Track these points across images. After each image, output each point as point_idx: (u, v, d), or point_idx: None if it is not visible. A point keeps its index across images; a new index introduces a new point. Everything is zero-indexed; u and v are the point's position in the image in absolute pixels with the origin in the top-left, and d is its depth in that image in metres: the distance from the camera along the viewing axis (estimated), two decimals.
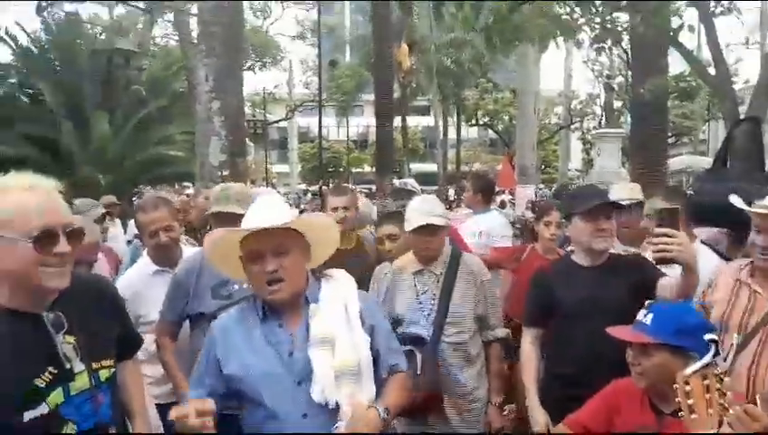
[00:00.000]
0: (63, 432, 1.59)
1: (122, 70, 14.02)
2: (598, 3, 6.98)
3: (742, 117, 6.12)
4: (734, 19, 6.77)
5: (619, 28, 6.91)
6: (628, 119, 25.39)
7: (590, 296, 2.46)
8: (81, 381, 1.64)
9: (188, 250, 3.20)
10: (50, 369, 1.58)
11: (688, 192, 4.45)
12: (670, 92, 8.63)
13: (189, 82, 14.91)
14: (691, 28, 6.77)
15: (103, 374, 1.71)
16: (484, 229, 4.67)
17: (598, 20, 6.88)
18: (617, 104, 23.22)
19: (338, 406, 1.73)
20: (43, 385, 1.56)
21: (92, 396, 1.66)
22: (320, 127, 17.96)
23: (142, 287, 2.93)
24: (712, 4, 6.27)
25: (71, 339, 1.63)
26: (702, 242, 3.12)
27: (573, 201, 2.67)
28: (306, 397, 1.73)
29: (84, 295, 1.72)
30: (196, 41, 11.34)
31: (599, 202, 2.53)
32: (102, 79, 13.72)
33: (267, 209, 1.82)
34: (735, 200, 2.36)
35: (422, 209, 2.80)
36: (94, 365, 1.68)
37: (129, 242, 5.53)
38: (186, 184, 15.79)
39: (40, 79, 13.46)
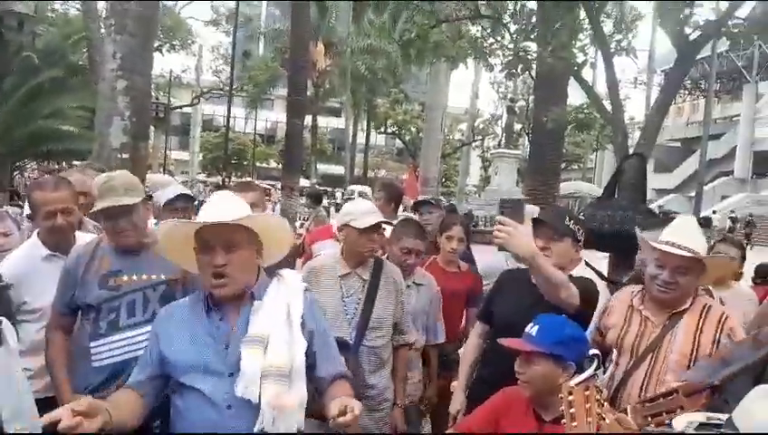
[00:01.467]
0: None
1: (14, 34, 12.90)
2: (512, 30, 7.39)
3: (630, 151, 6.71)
4: (625, 60, 7.40)
5: (530, 57, 7.35)
6: (526, 142, 26.83)
7: (520, 313, 2.48)
8: None
9: (83, 236, 3.01)
10: None
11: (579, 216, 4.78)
12: (569, 123, 9.24)
13: (90, 55, 14.02)
14: (592, 65, 7.30)
15: None
16: None
17: (511, 47, 7.25)
18: (517, 127, 24.53)
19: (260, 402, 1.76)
20: None
21: None
22: (228, 116, 17.49)
23: (30, 271, 2.66)
24: (613, 45, 6.81)
25: None
26: (587, 264, 3.36)
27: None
28: (233, 389, 1.76)
29: None
30: (103, 14, 10.70)
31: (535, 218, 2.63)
32: None
33: (224, 204, 1.87)
34: (644, 236, 2.57)
35: (370, 209, 2.86)
36: None
37: None
38: (76, 163, 14.79)
39: None
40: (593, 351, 2.36)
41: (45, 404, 2.46)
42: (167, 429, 1.94)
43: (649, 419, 1.75)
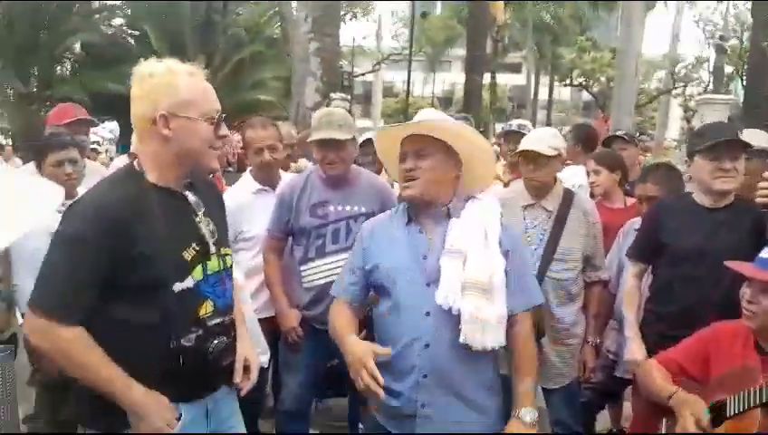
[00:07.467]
0: (202, 313, 1.66)
1: (220, 15, 14.36)
2: None
3: None
4: None
5: None
6: (738, 87, 23.42)
7: (705, 240, 2.35)
8: (214, 263, 1.71)
9: (288, 176, 3.27)
10: (194, 245, 1.65)
11: None
12: None
13: (283, 28, 15.12)
14: None
15: (228, 261, 1.78)
16: (584, 182, 4.43)
17: None
18: (727, 69, 21.49)
19: (460, 313, 1.78)
20: (188, 259, 1.63)
21: (221, 279, 1.73)
22: (408, 79, 17.76)
23: (244, 204, 3.02)
24: None
25: (207, 220, 1.71)
26: None
27: (697, 138, 2.50)
28: (432, 298, 1.81)
29: (205, 187, 1.80)
30: None
31: (724, 139, 2.36)
32: (202, 23, 14.13)
33: (424, 116, 1.99)
34: None
35: (532, 137, 2.79)
36: (222, 250, 1.75)
37: None
38: None
39: (145, 22, 14.04)
40: None
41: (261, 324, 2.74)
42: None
43: None
